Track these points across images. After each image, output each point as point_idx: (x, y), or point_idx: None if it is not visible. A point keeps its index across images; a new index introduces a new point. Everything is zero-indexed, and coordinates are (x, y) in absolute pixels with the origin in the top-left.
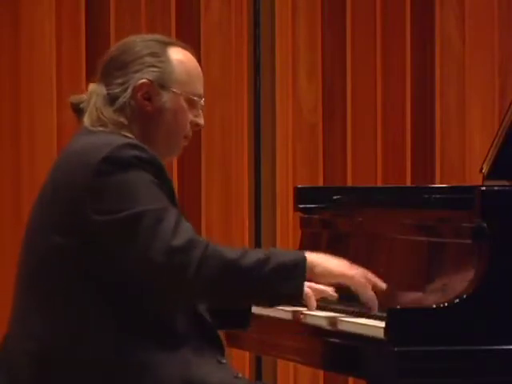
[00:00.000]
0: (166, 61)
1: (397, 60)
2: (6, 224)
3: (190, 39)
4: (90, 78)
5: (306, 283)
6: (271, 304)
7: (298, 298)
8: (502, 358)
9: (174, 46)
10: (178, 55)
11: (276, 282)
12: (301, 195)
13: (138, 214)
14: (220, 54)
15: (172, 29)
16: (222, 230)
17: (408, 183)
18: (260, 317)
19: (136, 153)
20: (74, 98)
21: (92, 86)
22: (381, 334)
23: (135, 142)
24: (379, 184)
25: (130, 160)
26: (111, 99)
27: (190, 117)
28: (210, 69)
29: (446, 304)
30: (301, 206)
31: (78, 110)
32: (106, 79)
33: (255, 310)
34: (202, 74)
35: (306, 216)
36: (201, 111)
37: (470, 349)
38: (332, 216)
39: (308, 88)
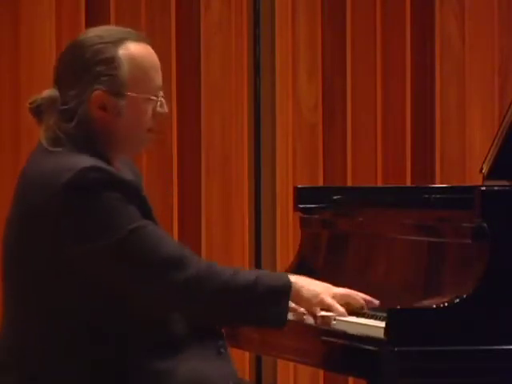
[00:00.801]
0: (118, 66)
1: (397, 60)
2: None
3: (189, 39)
4: None
5: (333, 291)
6: (257, 326)
7: (281, 323)
8: (501, 357)
9: (125, 41)
10: (129, 52)
11: (262, 307)
12: (301, 195)
13: (116, 241)
14: (220, 54)
15: (172, 29)
16: (222, 230)
17: (408, 183)
18: None
19: (96, 175)
20: (32, 103)
21: (48, 93)
22: (381, 334)
23: (94, 163)
24: (379, 184)
25: (91, 185)
26: (68, 114)
27: (151, 111)
28: (210, 69)
29: (446, 304)
30: (301, 206)
31: (37, 114)
32: (60, 89)
33: None
34: (158, 63)
35: (305, 216)
36: (162, 99)
37: (469, 349)
38: (332, 216)
39: (308, 88)
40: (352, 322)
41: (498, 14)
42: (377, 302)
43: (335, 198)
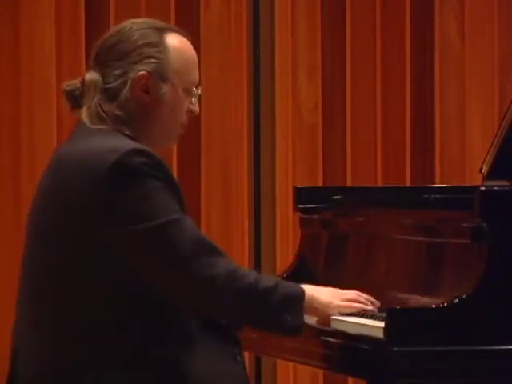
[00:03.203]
0: (164, 51)
1: (397, 60)
2: (6, 225)
3: (189, 39)
4: None
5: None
6: (272, 331)
7: (298, 331)
8: (501, 357)
9: (170, 31)
10: (175, 42)
11: (280, 313)
12: (300, 195)
13: (157, 227)
14: (220, 54)
15: None
16: (222, 229)
17: (408, 183)
18: None
19: (144, 160)
20: (68, 86)
21: (89, 76)
22: (381, 334)
23: (140, 146)
24: (379, 184)
25: (139, 168)
26: (111, 93)
27: (186, 105)
28: (210, 69)
29: (446, 304)
30: (300, 206)
31: (72, 98)
32: (103, 69)
33: None
34: (197, 60)
35: (305, 216)
36: (196, 98)
37: (470, 349)
38: (332, 216)
39: (308, 88)
40: (352, 322)
41: (497, 14)
42: (377, 303)
43: (335, 198)
